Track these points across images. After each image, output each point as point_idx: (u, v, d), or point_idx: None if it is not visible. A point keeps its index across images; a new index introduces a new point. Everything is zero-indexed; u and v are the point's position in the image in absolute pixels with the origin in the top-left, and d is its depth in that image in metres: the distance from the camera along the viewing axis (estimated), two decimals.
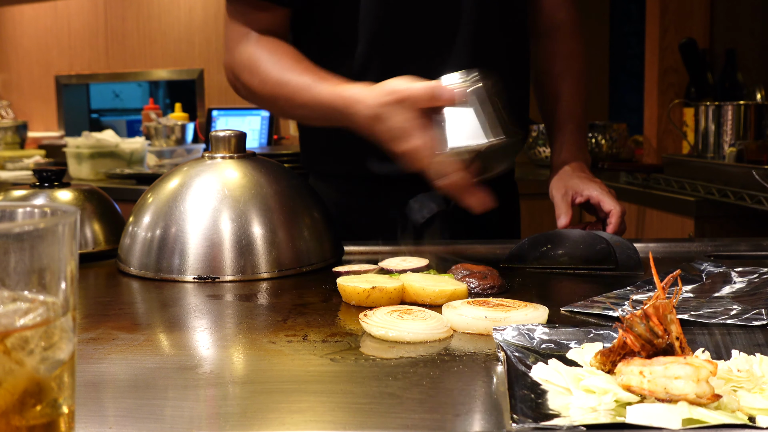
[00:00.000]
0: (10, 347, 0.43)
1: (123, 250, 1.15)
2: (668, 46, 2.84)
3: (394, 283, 0.94)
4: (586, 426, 0.55)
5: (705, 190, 2.23)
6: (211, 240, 1.08)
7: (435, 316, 0.83)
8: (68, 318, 0.46)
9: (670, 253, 1.24)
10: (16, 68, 4.58)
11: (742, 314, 0.84)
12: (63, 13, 4.38)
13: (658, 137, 2.89)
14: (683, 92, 2.84)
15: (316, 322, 0.88)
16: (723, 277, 1.04)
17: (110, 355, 0.77)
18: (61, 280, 0.46)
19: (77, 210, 0.47)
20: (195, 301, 0.99)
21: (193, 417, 0.62)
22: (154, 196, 1.14)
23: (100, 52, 4.32)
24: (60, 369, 0.46)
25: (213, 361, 0.77)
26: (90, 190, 1.26)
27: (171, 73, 4.18)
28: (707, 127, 2.41)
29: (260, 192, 1.12)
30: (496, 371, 0.70)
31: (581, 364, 0.67)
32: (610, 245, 1.12)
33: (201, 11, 4.03)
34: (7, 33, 4.57)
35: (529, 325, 0.76)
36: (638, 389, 0.58)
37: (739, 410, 0.57)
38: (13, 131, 4.03)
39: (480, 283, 0.99)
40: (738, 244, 1.27)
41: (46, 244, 0.45)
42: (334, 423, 0.61)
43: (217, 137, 1.18)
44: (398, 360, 0.74)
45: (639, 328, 0.62)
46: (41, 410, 0.45)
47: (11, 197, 1.22)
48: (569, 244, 1.15)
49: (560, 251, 1.15)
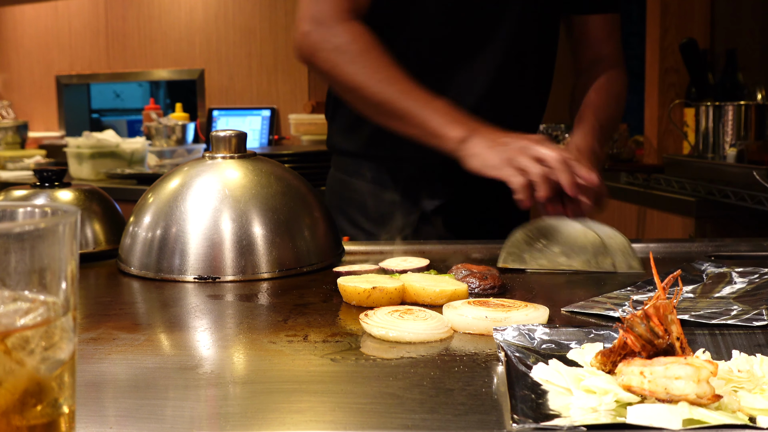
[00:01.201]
0: (10, 347, 0.43)
1: (123, 250, 1.15)
2: (669, 46, 2.84)
3: (394, 283, 0.94)
4: (587, 426, 0.55)
5: (705, 190, 2.22)
6: (212, 240, 1.08)
7: (435, 316, 0.83)
8: (69, 318, 0.46)
9: (671, 253, 1.24)
10: (17, 68, 4.58)
11: (742, 315, 0.84)
12: (64, 13, 4.38)
13: (658, 137, 2.89)
14: (684, 92, 2.84)
15: (317, 322, 0.88)
16: (723, 277, 1.04)
17: (111, 355, 0.77)
18: (61, 280, 0.46)
19: (78, 210, 0.47)
20: (195, 301, 0.99)
21: (194, 417, 0.62)
22: (154, 196, 1.14)
23: (100, 52, 4.32)
24: (60, 369, 0.46)
25: (213, 361, 0.77)
26: (90, 190, 1.26)
27: (172, 73, 4.18)
28: (708, 127, 2.41)
29: (261, 192, 1.12)
30: (497, 371, 0.70)
31: (582, 365, 0.67)
32: (606, 246, 1.13)
33: (202, 11, 4.03)
34: (7, 33, 4.57)
35: (529, 326, 0.76)
36: (639, 389, 0.58)
37: (739, 410, 0.57)
38: (13, 131, 4.03)
39: (480, 283, 0.99)
40: (738, 245, 1.27)
41: (47, 244, 0.45)
42: (335, 423, 0.61)
43: (218, 137, 1.18)
44: (399, 360, 0.74)
45: (639, 329, 0.62)
46: (42, 410, 0.45)
47: (12, 197, 1.22)
48: (564, 239, 1.15)
49: (556, 249, 1.15)
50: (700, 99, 2.69)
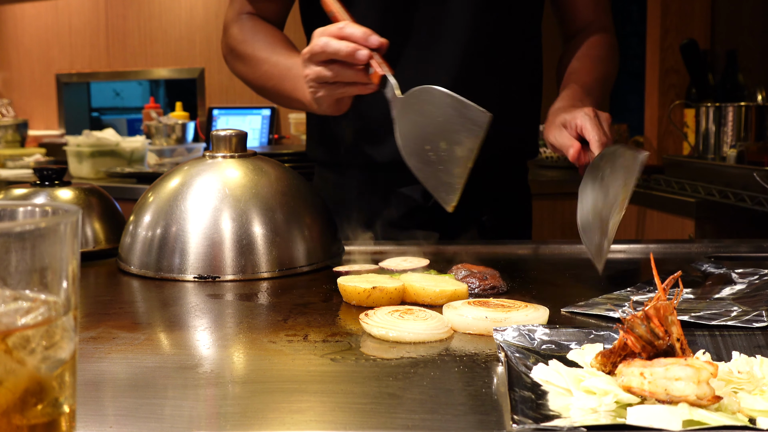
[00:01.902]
0: (11, 346, 0.43)
1: (123, 249, 1.15)
2: (669, 46, 2.84)
3: (394, 283, 0.94)
4: (587, 427, 0.55)
5: (705, 191, 2.23)
6: (212, 239, 1.08)
7: (435, 316, 0.83)
8: (69, 317, 0.46)
9: (671, 254, 1.24)
10: (17, 66, 4.58)
11: (742, 316, 0.84)
12: (64, 12, 4.38)
13: (658, 138, 2.89)
14: (684, 93, 2.84)
15: (317, 321, 0.88)
16: (723, 278, 1.04)
17: (110, 354, 0.77)
18: (62, 279, 0.46)
19: (79, 209, 0.47)
20: (195, 300, 0.99)
21: (193, 416, 0.62)
22: (154, 195, 1.14)
23: (100, 51, 4.32)
24: (61, 368, 0.46)
25: (213, 361, 0.77)
26: (90, 189, 1.26)
27: (172, 72, 4.18)
28: (708, 128, 2.41)
29: (261, 191, 1.12)
30: (497, 372, 0.70)
31: (582, 365, 0.67)
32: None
33: (202, 10, 4.03)
34: (7, 31, 4.57)
35: (529, 326, 0.76)
36: (639, 390, 0.58)
37: (739, 412, 0.57)
38: (13, 129, 4.02)
39: (480, 283, 0.99)
40: (738, 246, 1.28)
41: (48, 244, 0.45)
42: (335, 423, 0.61)
43: (218, 136, 1.18)
44: (399, 360, 0.74)
45: (640, 330, 0.62)
46: (42, 409, 0.45)
47: (12, 196, 1.22)
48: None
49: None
50: (700, 100, 2.69)
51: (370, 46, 1.11)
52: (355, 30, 1.11)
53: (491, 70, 1.37)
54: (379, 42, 1.11)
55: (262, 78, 1.36)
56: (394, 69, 1.23)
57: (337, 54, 1.11)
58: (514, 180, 1.49)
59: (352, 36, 1.11)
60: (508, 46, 1.39)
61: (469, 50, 1.34)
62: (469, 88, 1.36)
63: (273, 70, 1.32)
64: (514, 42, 1.40)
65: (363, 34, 1.11)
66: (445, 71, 1.33)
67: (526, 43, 1.43)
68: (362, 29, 1.11)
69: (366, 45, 1.10)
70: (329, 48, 1.11)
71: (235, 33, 1.41)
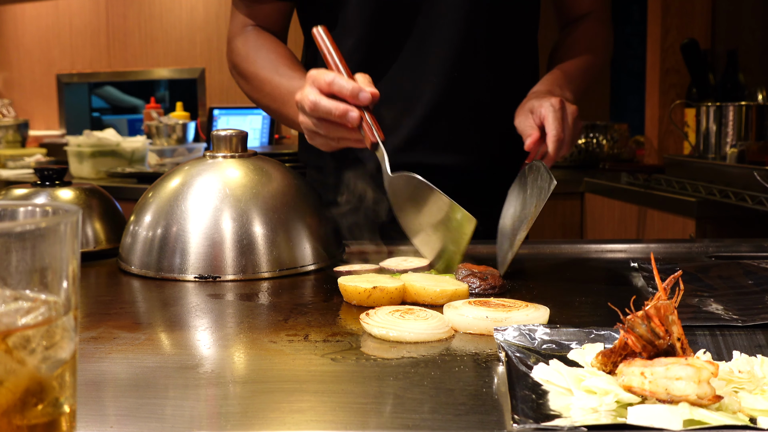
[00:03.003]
0: (11, 346, 0.43)
1: (124, 249, 1.15)
2: (670, 46, 2.84)
3: (395, 283, 0.94)
4: (587, 426, 0.55)
5: (706, 190, 2.22)
6: (212, 239, 1.08)
7: (436, 316, 0.83)
8: (70, 317, 0.46)
9: (671, 253, 1.24)
10: (18, 66, 4.58)
11: (743, 315, 0.84)
12: (64, 12, 4.38)
13: (659, 138, 2.89)
14: (684, 93, 2.84)
15: (317, 321, 0.88)
16: (724, 278, 1.04)
17: (111, 354, 0.77)
18: (62, 279, 0.46)
19: (79, 209, 0.47)
20: (196, 300, 0.99)
21: (194, 416, 0.62)
22: (155, 195, 1.14)
23: (101, 51, 4.32)
24: (61, 368, 0.46)
25: (214, 361, 0.77)
26: (91, 189, 1.26)
27: (172, 72, 4.18)
28: (708, 127, 2.41)
29: (261, 191, 1.12)
30: (497, 371, 0.70)
31: (582, 365, 0.67)
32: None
33: (202, 10, 4.03)
34: (8, 31, 4.57)
35: (530, 326, 0.76)
36: (639, 390, 0.58)
37: (740, 411, 0.57)
38: (14, 130, 4.03)
39: (481, 283, 0.99)
40: (739, 245, 1.27)
41: (48, 244, 0.45)
42: (335, 423, 0.61)
43: (219, 136, 1.18)
44: (399, 360, 0.74)
45: (640, 329, 0.62)
46: (43, 409, 0.45)
47: (12, 196, 1.22)
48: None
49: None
50: (700, 99, 2.69)
51: (361, 104, 1.08)
52: (345, 85, 1.08)
53: (487, 67, 1.37)
54: (370, 97, 1.08)
55: (265, 99, 1.35)
56: (389, 67, 1.23)
57: (329, 115, 1.09)
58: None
59: (342, 92, 1.08)
60: (504, 42, 1.39)
61: (464, 46, 1.34)
62: (465, 85, 1.36)
63: (275, 93, 1.31)
64: (511, 38, 1.40)
65: (352, 91, 1.07)
66: (440, 67, 1.33)
67: (523, 39, 1.43)
68: (352, 84, 1.08)
69: (356, 103, 1.08)
70: (320, 108, 1.09)
71: (238, 48, 1.39)
